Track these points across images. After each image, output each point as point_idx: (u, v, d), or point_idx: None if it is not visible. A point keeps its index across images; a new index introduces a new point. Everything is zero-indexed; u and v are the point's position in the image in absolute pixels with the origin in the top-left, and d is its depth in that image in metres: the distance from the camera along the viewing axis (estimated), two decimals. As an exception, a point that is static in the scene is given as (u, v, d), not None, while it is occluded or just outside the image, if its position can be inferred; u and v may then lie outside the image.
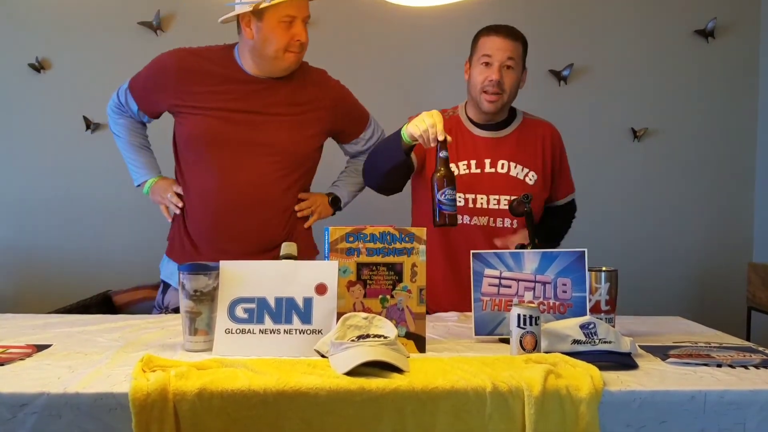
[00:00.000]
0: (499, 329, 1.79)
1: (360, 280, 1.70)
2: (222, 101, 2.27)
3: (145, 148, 2.48)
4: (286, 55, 2.23)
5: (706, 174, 3.78)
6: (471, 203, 2.29)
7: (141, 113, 2.41)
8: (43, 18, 3.49)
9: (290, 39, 2.21)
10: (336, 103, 2.39)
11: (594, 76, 3.71)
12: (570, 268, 1.80)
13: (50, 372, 1.45)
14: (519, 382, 1.38)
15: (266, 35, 2.20)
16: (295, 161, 2.33)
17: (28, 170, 3.55)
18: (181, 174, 2.38)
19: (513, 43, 2.26)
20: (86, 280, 3.41)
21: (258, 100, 2.28)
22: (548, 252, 1.82)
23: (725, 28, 3.72)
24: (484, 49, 2.26)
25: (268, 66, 2.27)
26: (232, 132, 2.26)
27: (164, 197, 2.37)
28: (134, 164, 2.45)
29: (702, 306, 3.68)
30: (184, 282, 1.66)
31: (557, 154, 2.40)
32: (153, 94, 2.35)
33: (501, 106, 2.28)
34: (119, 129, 2.46)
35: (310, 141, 2.35)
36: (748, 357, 1.64)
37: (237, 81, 2.29)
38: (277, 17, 2.18)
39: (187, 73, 2.29)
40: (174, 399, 1.32)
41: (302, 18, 2.21)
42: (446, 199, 1.93)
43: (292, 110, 2.31)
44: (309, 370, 1.44)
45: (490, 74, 2.24)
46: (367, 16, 3.53)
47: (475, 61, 2.29)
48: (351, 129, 2.47)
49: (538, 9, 3.66)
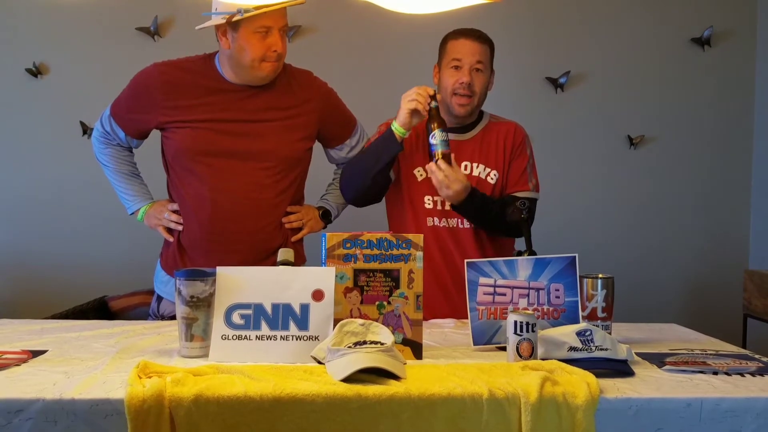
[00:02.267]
0: (496, 338, 1.79)
1: (357, 287, 1.70)
2: (208, 112, 2.25)
3: (135, 176, 2.44)
4: (263, 65, 2.21)
5: (702, 181, 3.78)
6: (440, 205, 2.31)
7: (129, 138, 2.37)
8: (40, 23, 3.49)
9: (266, 49, 2.18)
10: (323, 105, 2.38)
11: (591, 84, 3.72)
12: (562, 274, 1.82)
13: (46, 378, 1.45)
14: (516, 389, 1.38)
15: (242, 45, 2.19)
16: (286, 166, 2.32)
17: (24, 175, 3.54)
18: (173, 187, 2.36)
19: (481, 46, 2.28)
20: (82, 286, 3.39)
21: (244, 107, 2.27)
22: (541, 258, 1.83)
23: (721, 37, 3.73)
24: (454, 52, 2.28)
25: (247, 75, 2.25)
26: (221, 142, 2.25)
27: (161, 219, 2.35)
28: (125, 193, 2.42)
29: (698, 313, 3.67)
30: (180, 288, 1.66)
31: (512, 149, 2.36)
32: (139, 115, 2.32)
33: (471, 109, 2.31)
34: (106, 159, 2.42)
35: (299, 144, 2.34)
36: (744, 364, 1.64)
37: (221, 91, 2.27)
38: (252, 28, 2.16)
39: (171, 87, 2.27)
40: (170, 405, 1.32)
41: (279, 28, 2.19)
42: (438, 140, 2.15)
43: (279, 114, 2.30)
44: (305, 376, 1.44)
45: (461, 77, 2.25)
46: (364, 22, 3.53)
47: (445, 65, 2.31)
48: (337, 132, 2.44)
49: (535, 16, 3.67)
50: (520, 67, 3.59)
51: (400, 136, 2.20)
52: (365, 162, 2.30)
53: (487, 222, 2.27)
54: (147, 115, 2.30)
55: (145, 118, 2.31)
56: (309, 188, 2.48)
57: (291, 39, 3.54)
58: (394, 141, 2.21)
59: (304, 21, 3.54)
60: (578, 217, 3.72)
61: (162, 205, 2.37)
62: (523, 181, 2.35)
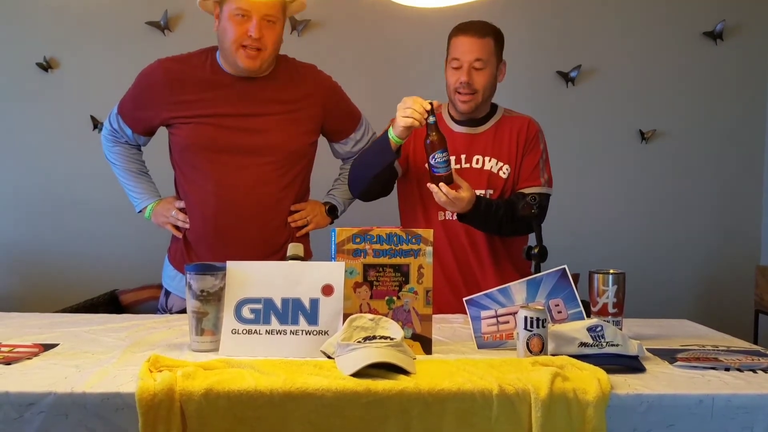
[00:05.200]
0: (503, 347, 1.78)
1: (366, 282, 1.70)
2: (212, 107, 2.25)
3: (143, 174, 2.45)
4: (239, 53, 2.18)
5: (713, 176, 3.76)
6: None
7: (136, 135, 2.38)
8: (50, 17, 3.50)
9: (243, 34, 2.16)
10: (327, 98, 2.37)
11: (602, 78, 3.70)
12: (557, 288, 1.78)
13: (57, 371, 1.45)
14: (526, 385, 1.38)
15: (224, 26, 2.19)
16: (291, 159, 2.32)
17: (35, 169, 3.55)
18: (179, 183, 2.37)
19: (480, 41, 2.24)
20: (93, 279, 3.41)
21: (247, 101, 2.26)
22: (531, 279, 1.79)
23: (734, 30, 3.70)
24: (453, 51, 2.27)
25: (232, 63, 2.24)
26: (225, 136, 2.25)
27: (168, 216, 2.35)
28: (133, 191, 2.43)
29: (709, 309, 3.66)
30: (191, 282, 1.66)
31: (525, 144, 2.34)
32: (145, 112, 2.32)
33: (475, 105, 2.28)
34: (115, 157, 2.43)
35: (303, 137, 2.33)
36: (756, 361, 1.63)
37: (224, 85, 2.27)
38: (230, 9, 2.16)
39: (175, 82, 2.27)
40: (180, 399, 1.32)
41: (260, 16, 2.16)
42: (437, 162, 2.08)
43: (283, 108, 2.29)
44: (315, 371, 1.44)
45: (460, 76, 2.24)
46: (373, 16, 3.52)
47: (447, 63, 2.30)
48: (341, 125, 2.43)
49: (546, 10, 3.65)
50: (530, 61, 3.57)
51: (396, 144, 2.17)
52: (365, 162, 2.30)
53: (494, 226, 2.25)
54: (152, 111, 2.31)
55: (150, 115, 2.32)
56: (315, 183, 2.48)
57: (300, 33, 3.54)
58: (389, 149, 2.17)
59: (314, 15, 3.54)
60: (589, 211, 3.71)
61: (169, 202, 2.38)
62: (535, 176, 2.33)
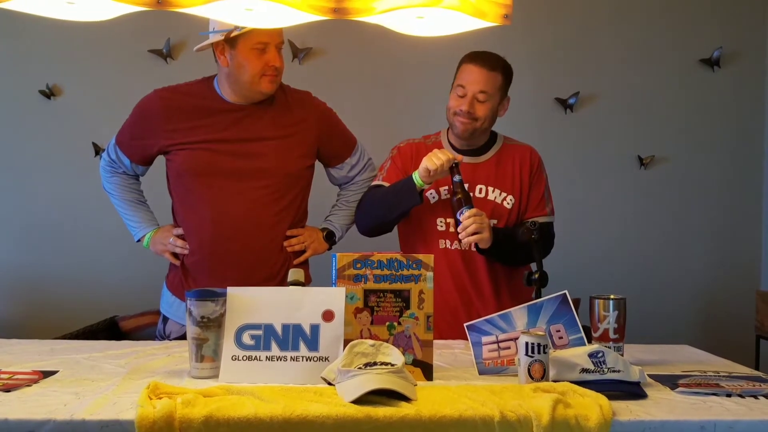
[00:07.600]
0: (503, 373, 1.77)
1: (367, 307, 1.70)
2: (208, 133, 2.28)
3: (141, 203, 2.47)
4: (262, 80, 2.24)
5: (712, 202, 3.77)
6: (452, 228, 2.28)
7: (134, 165, 2.41)
8: (53, 45, 3.53)
9: (264, 65, 2.22)
10: (321, 123, 2.40)
11: (600, 105, 3.72)
12: (558, 314, 1.79)
13: (57, 398, 1.45)
14: (527, 412, 1.37)
15: (240, 62, 2.22)
16: (287, 182, 2.33)
17: (37, 195, 3.56)
18: (176, 210, 2.39)
19: (489, 74, 2.26)
20: (92, 306, 3.40)
21: (243, 127, 2.29)
22: (532, 304, 1.80)
23: (731, 57, 3.73)
24: (461, 78, 2.29)
25: (246, 92, 2.28)
26: (220, 162, 2.27)
27: (166, 244, 2.36)
28: (131, 221, 2.44)
29: (710, 334, 3.64)
30: (191, 308, 1.66)
31: (530, 175, 2.36)
32: (142, 141, 2.35)
33: (473, 130, 2.29)
34: (112, 187, 2.45)
35: (298, 161, 2.35)
36: (757, 387, 1.63)
37: (220, 111, 2.30)
38: (249, 44, 2.20)
39: (172, 111, 2.30)
40: (180, 427, 1.32)
41: (275, 44, 2.23)
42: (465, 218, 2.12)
43: (278, 133, 2.31)
44: (316, 398, 1.44)
45: (462, 104, 2.26)
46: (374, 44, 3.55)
47: (454, 86, 2.31)
48: (337, 150, 2.46)
49: (544, 38, 3.69)
50: (529, 88, 3.59)
51: (420, 187, 2.21)
52: (387, 203, 2.30)
53: (509, 255, 2.25)
54: (149, 140, 2.33)
55: (147, 144, 2.35)
56: (313, 208, 2.49)
57: (301, 61, 3.56)
58: (413, 193, 2.21)
59: (315, 43, 3.57)
60: (589, 237, 3.71)
61: (167, 230, 2.39)
62: (541, 206, 2.36)
